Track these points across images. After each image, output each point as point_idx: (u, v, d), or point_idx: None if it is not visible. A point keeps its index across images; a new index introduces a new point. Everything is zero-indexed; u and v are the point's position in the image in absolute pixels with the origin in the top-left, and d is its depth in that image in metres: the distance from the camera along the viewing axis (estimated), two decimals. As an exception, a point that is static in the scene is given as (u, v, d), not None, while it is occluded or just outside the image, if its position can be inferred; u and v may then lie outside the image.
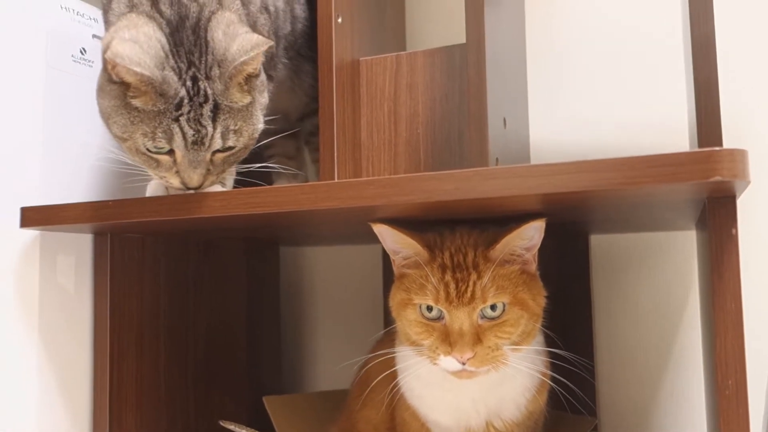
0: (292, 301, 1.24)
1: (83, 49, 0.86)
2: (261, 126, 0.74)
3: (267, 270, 1.14)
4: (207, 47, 0.69)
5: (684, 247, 1.01)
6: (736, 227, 0.56)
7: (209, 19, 0.71)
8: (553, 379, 0.76)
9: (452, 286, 0.68)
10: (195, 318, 0.99)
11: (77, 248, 0.85)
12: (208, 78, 0.68)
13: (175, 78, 0.67)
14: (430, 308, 0.70)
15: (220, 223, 0.76)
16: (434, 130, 0.88)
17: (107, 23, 0.73)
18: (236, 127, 0.70)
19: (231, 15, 0.73)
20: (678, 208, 0.69)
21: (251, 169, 0.83)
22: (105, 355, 0.86)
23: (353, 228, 0.88)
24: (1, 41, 0.80)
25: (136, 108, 0.66)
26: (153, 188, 0.74)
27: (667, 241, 1.02)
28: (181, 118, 0.66)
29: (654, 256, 1.02)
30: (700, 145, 0.65)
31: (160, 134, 0.66)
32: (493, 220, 0.74)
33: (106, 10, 0.75)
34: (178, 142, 0.67)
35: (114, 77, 0.67)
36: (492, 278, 0.68)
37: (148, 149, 0.68)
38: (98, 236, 0.85)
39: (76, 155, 0.86)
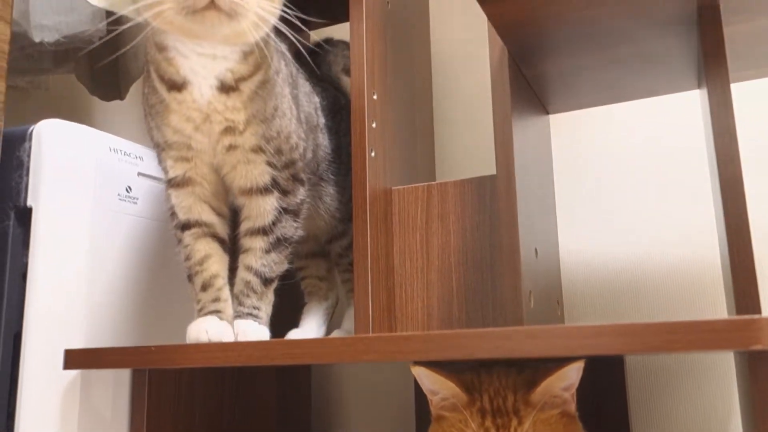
0: (323, 423, 1.23)
1: (129, 187, 0.90)
2: None
3: (298, 392, 1.14)
4: None
5: (723, 367, 1.00)
6: (778, 381, 0.55)
7: None
8: None
9: None
10: (229, 444, 0.98)
11: (115, 379, 0.86)
12: None
13: None
14: (470, 453, 0.69)
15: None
16: (466, 259, 0.89)
17: None
18: None
19: None
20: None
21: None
22: (140, 486, 0.85)
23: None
24: (52, 182, 0.83)
25: None
26: (193, 335, 0.75)
27: (705, 361, 1.01)
28: None
29: (692, 376, 1.01)
30: (736, 295, 0.65)
31: None
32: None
33: None
34: None
35: None
36: (533, 424, 0.68)
37: None
38: (137, 372, 0.86)
39: (118, 292, 0.88)
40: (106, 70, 1.12)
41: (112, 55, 0.88)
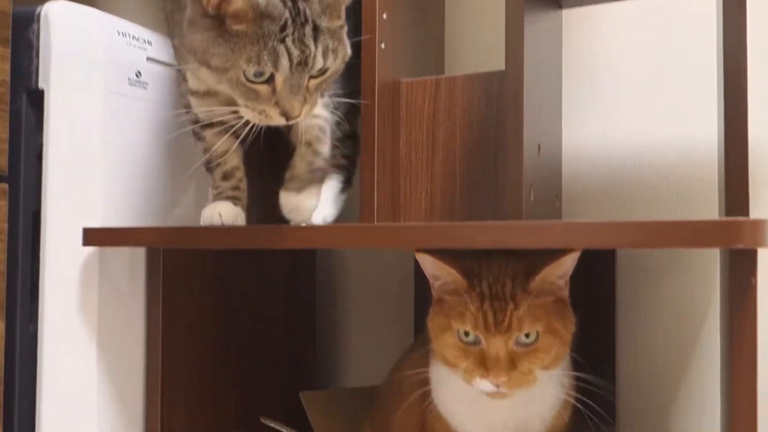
0: (327, 301, 1.30)
1: (138, 72, 0.91)
2: (350, 51, 0.76)
3: (304, 271, 1.19)
4: None
5: (708, 262, 1.04)
6: (755, 277, 0.59)
7: None
8: (576, 397, 0.81)
9: (490, 315, 0.73)
10: (239, 319, 1.05)
11: (131, 256, 0.91)
12: (305, 0, 0.70)
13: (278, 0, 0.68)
14: (467, 333, 0.74)
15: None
16: (470, 153, 0.91)
17: None
18: (334, 47, 0.72)
19: None
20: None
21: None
22: (157, 355, 0.92)
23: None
24: (62, 65, 0.84)
25: (237, 34, 0.67)
26: (207, 217, 0.79)
27: (692, 257, 1.05)
28: (287, 39, 0.68)
29: (679, 270, 1.06)
30: (727, 196, 0.68)
31: (266, 57, 0.67)
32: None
33: None
34: (283, 64, 0.68)
35: (210, 10, 0.68)
36: (528, 308, 0.73)
37: (248, 78, 0.69)
38: (151, 250, 0.91)
39: (133, 175, 0.91)
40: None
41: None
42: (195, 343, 0.97)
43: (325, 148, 0.86)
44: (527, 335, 0.73)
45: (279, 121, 0.71)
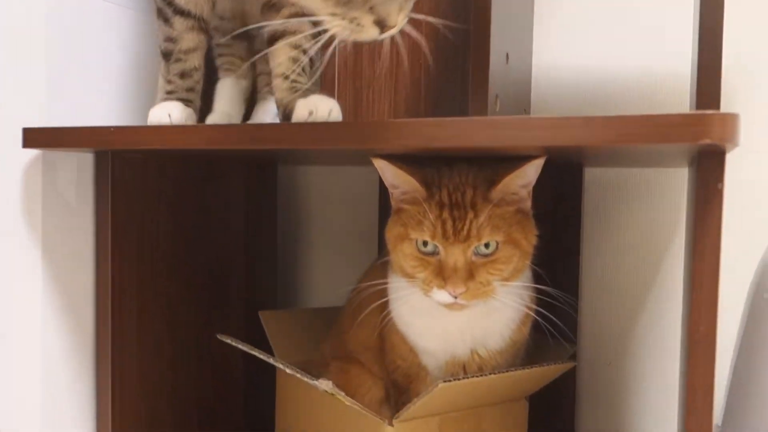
0: (288, 221, 1.27)
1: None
2: None
3: (265, 189, 1.16)
4: None
5: (675, 183, 1.03)
6: (722, 181, 0.57)
7: None
8: (537, 311, 0.80)
9: (449, 223, 0.70)
10: (196, 235, 1.01)
11: (79, 164, 0.87)
12: None
13: None
14: (425, 243, 0.72)
15: (221, 151, 0.77)
16: (436, 61, 0.87)
17: None
18: None
19: None
20: (672, 153, 0.71)
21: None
22: (106, 268, 0.88)
23: (351, 155, 0.90)
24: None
25: None
26: (155, 116, 0.74)
27: (658, 177, 1.04)
28: None
29: (645, 190, 1.05)
30: (699, 98, 0.66)
31: None
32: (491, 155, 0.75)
33: None
34: None
35: None
36: (488, 217, 0.71)
37: None
38: (99, 155, 0.86)
39: (79, 73, 0.86)
40: None
41: None
42: (148, 258, 0.93)
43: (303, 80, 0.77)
44: (487, 245, 0.71)
45: (371, 33, 0.62)
